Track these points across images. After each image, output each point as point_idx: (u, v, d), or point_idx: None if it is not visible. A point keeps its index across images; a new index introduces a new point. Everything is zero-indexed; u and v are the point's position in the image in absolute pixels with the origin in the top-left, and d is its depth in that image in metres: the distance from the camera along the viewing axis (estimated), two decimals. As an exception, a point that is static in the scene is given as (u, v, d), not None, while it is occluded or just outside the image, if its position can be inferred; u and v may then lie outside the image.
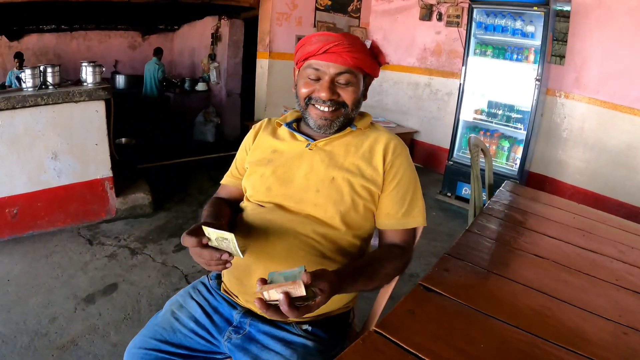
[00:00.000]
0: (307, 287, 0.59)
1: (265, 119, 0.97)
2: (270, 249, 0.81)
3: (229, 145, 4.46)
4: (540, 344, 0.71)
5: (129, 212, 2.54)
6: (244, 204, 0.92)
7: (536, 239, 1.20)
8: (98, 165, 2.39)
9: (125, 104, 3.94)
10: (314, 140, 0.87)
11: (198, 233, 0.71)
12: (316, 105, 0.83)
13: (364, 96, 0.89)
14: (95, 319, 1.63)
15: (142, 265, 2.04)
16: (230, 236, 0.67)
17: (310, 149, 0.86)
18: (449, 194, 3.21)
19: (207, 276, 0.96)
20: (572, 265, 1.05)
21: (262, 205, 0.86)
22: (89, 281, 1.87)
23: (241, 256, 0.69)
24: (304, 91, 0.84)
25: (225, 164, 1.01)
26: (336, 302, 0.85)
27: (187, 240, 0.71)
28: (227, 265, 0.70)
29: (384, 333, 0.63)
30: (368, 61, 0.83)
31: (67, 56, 5.46)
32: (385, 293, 0.99)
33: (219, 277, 0.94)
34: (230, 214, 0.91)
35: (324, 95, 0.81)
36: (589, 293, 0.94)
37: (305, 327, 0.81)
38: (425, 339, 0.64)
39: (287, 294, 0.58)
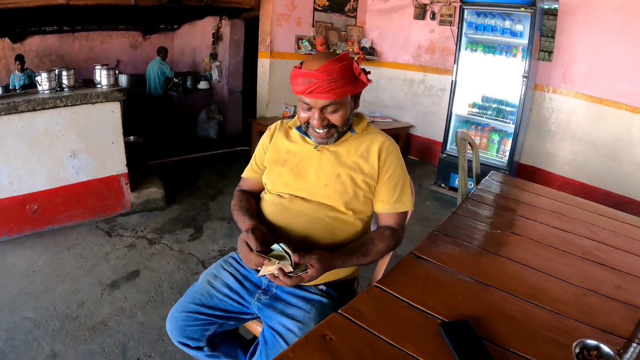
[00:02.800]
0: (299, 263, 0.84)
1: (278, 122, 1.14)
2: (291, 230, 0.99)
3: (231, 141, 4.60)
4: (509, 298, 0.88)
5: (144, 205, 2.70)
6: (264, 194, 1.09)
7: (514, 220, 1.37)
8: (114, 162, 2.54)
9: (130, 103, 4.05)
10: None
11: (259, 237, 0.90)
12: (313, 129, 0.99)
13: (356, 105, 1.02)
14: (121, 302, 1.77)
15: (161, 254, 2.20)
16: (288, 257, 0.85)
17: (318, 150, 1.03)
18: (442, 185, 3.38)
19: (236, 251, 1.14)
20: (543, 241, 1.21)
21: (281, 196, 1.03)
22: (112, 269, 2.02)
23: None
24: (302, 116, 0.99)
25: (229, 159, 1.18)
26: (344, 270, 1.03)
27: (250, 239, 0.89)
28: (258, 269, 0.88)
29: (382, 287, 0.81)
30: (351, 87, 0.94)
31: (70, 57, 5.54)
32: (381, 268, 1.16)
33: None
34: (255, 206, 1.09)
35: (315, 124, 0.96)
36: (557, 263, 1.10)
37: (320, 287, 1.00)
38: (415, 292, 0.82)
39: (281, 269, 0.83)
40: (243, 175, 1.18)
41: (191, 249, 2.27)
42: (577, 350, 0.70)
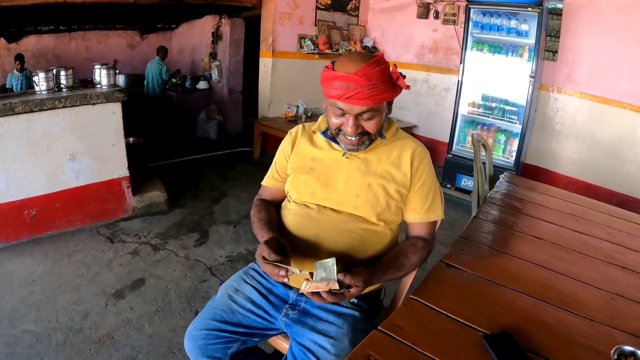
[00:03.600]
0: (343, 283, 0.79)
1: (300, 126, 1.07)
2: (320, 243, 0.94)
3: (232, 142, 4.54)
4: (544, 306, 0.85)
5: (146, 209, 2.64)
6: (287, 203, 1.03)
7: (534, 223, 1.35)
8: (115, 165, 2.47)
9: (128, 104, 3.99)
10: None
11: (273, 246, 0.85)
12: (345, 136, 0.92)
13: (389, 110, 0.96)
14: (127, 313, 1.70)
15: (166, 260, 2.13)
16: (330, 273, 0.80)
17: (347, 158, 0.97)
18: (449, 186, 3.36)
19: (256, 262, 1.08)
20: (566, 245, 1.20)
21: (308, 206, 0.97)
22: (116, 277, 1.95)
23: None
24: (334, 122, 0.92)
25: (230, 160, 1.11)
26: None
27: (264, 251, 0.84)
28: (285, 279, 0.83)
29: (419, 299, 0.78)
30: (389, 93, 0.88)
31: (67, 57, 5.45)
32: (409, 277, 1.13)
33: None
34: (277, 218, 1.04)
35: (349, 131, 0.89)
36: (582, 267, 1.08)
37: (352, 300, 0.95)
38: (452, 303, 0.79)
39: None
40: (263, 183, 1.11)
41: (197, 255, 2.21)
42: (615, 356, 0.71)
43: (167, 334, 1.60)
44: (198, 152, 4.07)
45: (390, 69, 0.89)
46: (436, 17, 3.88)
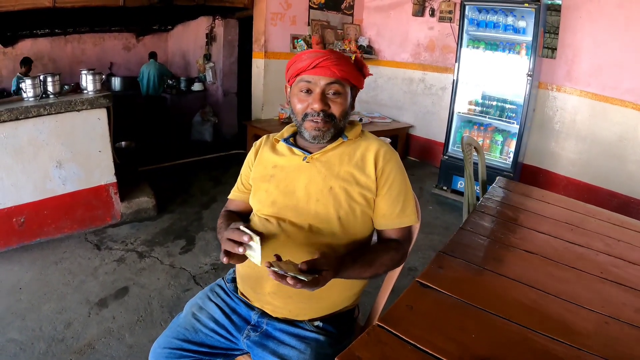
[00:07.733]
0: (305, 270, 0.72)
1: (264, 137, 1.05)
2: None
3: (227, 145, 4.50)
4: (527, 334, 0.78)
5: (134, 216, 2.60)
6: (252, 217, 0.99)
7: (526, 234, 1.27)
8: (102, 171, 2.44)
9: (122, 106, 3.95)
10: (310, 153, 0.94)
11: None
12: (311, 119, 0.90)
13: (352, 107, 0.96)
14: (109, 323, 1.68)
15: (151, 268, 2.10)
16: (256, 238, 0.77)
17: (307, 162, 0.93)
18: (444, 188, 3.29)
19: (223, 279, 1.05)
20: (559, 260, 1.12)
21: (268, 220, 0.93)
22: (100, 286, 1.93)
23: (259, 263, 0.77)
24: (299, 107, 0.91)
25: (224, 163, 1.08)
26: (342, 302, 0.93)
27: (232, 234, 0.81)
28: (240, 250, 0.78)
29: (385, 327, 0.71)
30: (354, 73, 0.91)
31: (62, 60, 5.43)
32: (386, 290, 1.06)
33: (234, 281, 1.03)
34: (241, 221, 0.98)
35: (316, 106, 0.88)
36: (575, 285, 1.01)
37: (316, 323, 0.90)
38: (423, 331, 0.72)
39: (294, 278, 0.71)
40: (229, 196, 1.08)
41: (183, 263, 2.17)
42: None
43: (146, 345, 1.56)
44: (191, 155, 4.03)
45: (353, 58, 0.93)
46: (432, 14, 3.79)
